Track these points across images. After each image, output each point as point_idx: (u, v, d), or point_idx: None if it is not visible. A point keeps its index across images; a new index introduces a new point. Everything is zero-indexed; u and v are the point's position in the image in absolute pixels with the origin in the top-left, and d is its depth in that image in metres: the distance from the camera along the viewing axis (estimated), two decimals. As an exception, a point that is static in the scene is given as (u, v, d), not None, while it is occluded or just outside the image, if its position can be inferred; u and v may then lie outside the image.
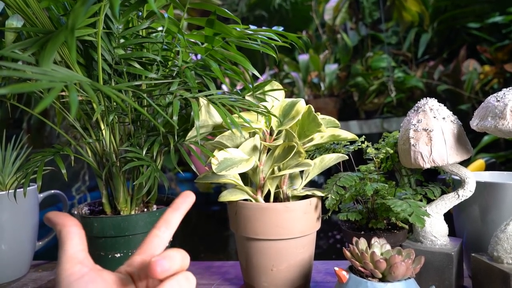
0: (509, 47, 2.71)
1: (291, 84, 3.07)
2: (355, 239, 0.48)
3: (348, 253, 0.47)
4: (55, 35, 0.36)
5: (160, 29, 0.60)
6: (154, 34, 0.61)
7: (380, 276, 0.43)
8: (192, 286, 0.31)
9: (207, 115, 0.58)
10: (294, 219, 0.53)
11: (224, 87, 2.13)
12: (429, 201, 0.57)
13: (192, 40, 0.63)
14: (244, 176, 0.59)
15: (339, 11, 3.10)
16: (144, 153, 0.54)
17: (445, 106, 0.55)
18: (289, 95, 2.91)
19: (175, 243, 0.60)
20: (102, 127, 0.56)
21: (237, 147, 0.56)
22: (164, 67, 0.59)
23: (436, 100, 0.54)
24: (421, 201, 0.57)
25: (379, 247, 0.47)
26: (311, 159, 0.61)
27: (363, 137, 0.61)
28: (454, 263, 0.51)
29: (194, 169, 0.54)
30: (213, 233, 2.38)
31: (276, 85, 0.62)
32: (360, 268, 0.45)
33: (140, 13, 0.59)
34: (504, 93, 0.48)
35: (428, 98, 0.55)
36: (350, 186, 0.55)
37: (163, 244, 0.34)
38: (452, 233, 0.57)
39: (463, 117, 0.54)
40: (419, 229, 0.55)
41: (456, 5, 3.07)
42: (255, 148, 0.57)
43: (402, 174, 0.62)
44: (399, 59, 3.22)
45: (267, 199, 0.58)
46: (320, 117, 0.56)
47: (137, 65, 0.56)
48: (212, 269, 0.70)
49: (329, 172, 0.65)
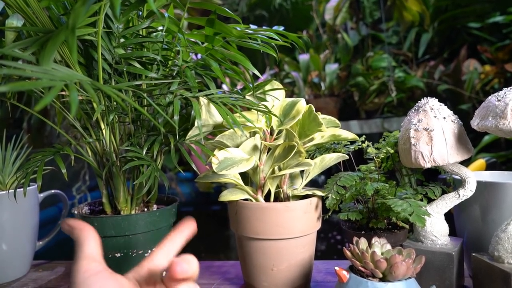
0: (509, 47, 2.71)
1: (291, 84, 3.07)
2: (355, 238, 0.48)
3: (348, 253, 0.47)
4: (55, 35, 0.36)
5: (161, 28, 0.60)
6: (154, 34, 0.61)
7: (380, 275, 0.43)
8: None
9: (208, 114, 0.58)
10: (295, 218, 0.53)
11: (225, 86, 2.13)
12: (430, 200, 0.57)
13: (193, 40, 0.63)
14: (244, 176, 0.59)
15: (339, 10, 3.10)
16: (144, 152, 0.54)
17: (445, 105, 0.55)
18: (289, 94, 2.91)
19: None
20: (102, 126, 0.55)
21: (237, 146, 0.56)
22: (165, 66, 0.59)
23: (437, 100, 0.54)
24: (421, 200, 0.57)
25: (380, 246, 0.47)
26: (312, 158, 0.61)
27: (364, 136, 0.61)
28: (455, 262, 0.51)
29: (195, 169, 0.54)
30: (214, 233, 2.38)
31: (276, 84, 0.62)
32: (360, 268, 0.44)
33: (140, 13, 0.59)
34: (505, 93, 0.48)
35: (428, 97, 0.55)
36: (350, 186, 0.55)
37: (168, 258, 0.38)
38: (452, 233, 0.57)
39: (464, 117, 0.54)
40: (420, 228, 0.55)
41: (456, 4, 3.07)
42: (255, 148, 0.57)
43: (403, 174, 0.62)
44: (399, 59, 3.22)
45: (267, 198, 0.58)
46: (321, 116, 0.56)
47: (137, 65, 0.56)
48: (212, 268, 0.70)
49: (330, 172, 0.65)
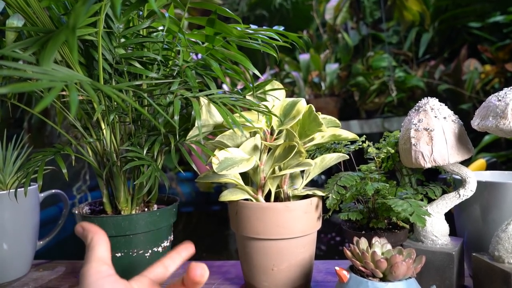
0: (510, 46, 2.71)
1: (291, 84, 3.07)
2: (356, 238, 0.48)
3: (349, 253, 0.47)
4: (55, 35, 0.36)
5: (161, 28, 0.60)
6: (155, 34, 0.61)
7: (381, 275, 0.43)
8: None
9: (208, 114, 0.58)
10: (295, 218, 0.53)
11: (225, 86, 2.13)
12: (430, 200, 0.57)
13: (193, 40, 0.63)
14: (244, 176, 0.59)
15: (340, 10, 3.10)
16: (144, 152, 0.54)
17: (446, 105, 0.55)
18: (289, 94, 2.91)
19: (176, 242, 0.60)
20: (103, 126, 0.56)
21: (237, 146, 0.56)
22: (165, 66, 0.59)
23: (437, 100, 0.54)
24: (422, 200, 0.57)
25: (380, 246, 0.47)
26: (312, 158, 0.61)
27: (364, 136, 0.61)
28: (455, 262, 0.51)
29: (195, 169, 0.54)
30: (214, 233, 2.39)
31: (276, 84, 0.62)
32: (361, 268, 0.45)
33: (141, 13, 0.59)
34: (506, 93, 0.48)
35: (429, 97, 0.55)
36: (351, 186, 0.55)
37: (167, 275, 0.39)
38: (453, 233, 0.57)
39: (464, 117, 0.54)
40: (420, 228, 0.55)
41: (457, 4, 3.07)
42: (255, 148, 0.57)
43: (403, 174, 0.62)
44: (400, 59, 3.22)
45: (267, 198, 0.58)
46: (321, 116, 0.56)
47: (137, 65, 0.56)
48: (213, 268, 0.70)
49: (330, 172, 0.65)
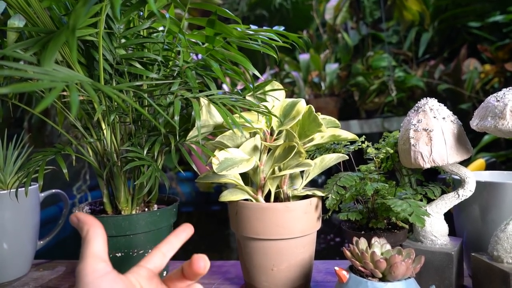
0: (509, 46, 2.71)
1: (291, 84, 3.07)
2: (355, 238, 0.48)
3: (348, 253, 0.47)
4: (56, 35, 0.36)
5: (161, 29, 0.60)
6: (155, 34, 0.61)
7: (380, 275, 0.44)
8: None
9: (208, 115, 0.58)
10: (295, 219, 0.54)
11: (225, 87, 2.13)
12: (429, 200, 0.57)
13: (193, 40, 0.63)
14: (244, 176, 0.59)
15: (339, 10, 3.10)
16: (145, 153, 0.55)
17: (445, 105, 0.55)
18: (289, 94, 2.91)
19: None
20: (103, 126, 0.56)
21: (237, 147, 0.56)
22: (165, 67, 0.59)
23: (436, 100, 0.54)
24: (421, 200, 0.57)
25: (379, 246, 0.47)
26: (312, 159, 0.61)
27: (363, 137, 0.61)
28: (454, 262, 0.52)
29: (195, 169, 0.54)
30: (214, 233, 2.39)
31: (276, 85, 0.62)
32: (360, 268, 0.45)
33: (141, 13, 0.59)
34: (504, 93, 0.48)
35: (428, 98, 0.55)
36: (350, 186, 0.55)
37: (165, 261, 0.38)
38: (452, 233, 0.57)
39: (464, 116, 0.54)
40: (419, 228, 0.55)
41: (456, 4, 3.07)
42: (255, 148, 0.57)
43: (403, 174, 0.62)
44: (399, 58, 3.22)
45: (267, 199, 0.58)
46: (321, 117, 0.56)
47: (138, 65, 0.56)
48: (213, 268, 0.71)
49: (330, 172, 0.65)
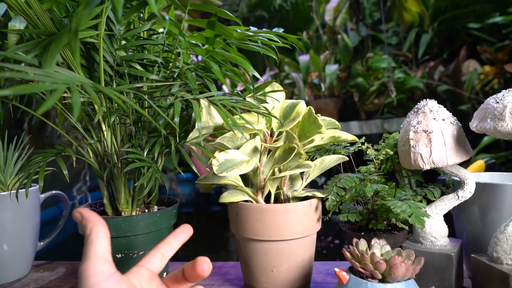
0: (509, 47, 2.71)
1: (291, 85, 3.08)
2: (355, 240, 0.48)
3: (348, 254, 0.47)
4: (57, 37, 0.36)
5: (161, 30, 0.60)
6: (155, 36, 0.61)
7: (380, 277, 0.44)
8: None
9: (208, 116, 0.58)
10: (295, 220, 0.54)
11: (225, 88, 2.13)
12: (429, 202, 0.57)
13: (193, 42, 0.63)
14: (244, 177, 0.59)
15: (339, 11, 3.11)
16: (145, 154, 0.55)
17: (445, 106, 0.55)
18: (289, 95, 2.91)
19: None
20: (104, 128, 0.56)
21: (237, 148, 0.56)
22: (165, 68, 0.59)
23: (436, 102, 0.55)
24: (421, 202, 0.57)
25: (379, 248, 0.47)
26: (312, 160, 0.61)
27: (363, 138, 0.61)
28: (454, 264, 0.52)
29: (195, 170, 0.54)
30: (214, 234, 2.39)
31: (276, 86, 0.63)
32: (360, 269, 0.45)
33: (142, 15, 0.59)
34: (504, 95, 0.48)
35: (427, 99, 0.55)
36: (350, 187, 0.55)
37: (164, 262, 0.38)
38: (452, 234, 0.57)
39: (464, 118, 0.54)
40: (419, 230, 0.55)
41: (456, 5, 3.07)
42: (255, 150, 0.57)
43: (402, 175, 0.62)
44: (399, 60, 3.23)
45: (267, 200, 0.58)
46: (321, 118, 0.56)
47: (138, 67, 0.56)
48: (213, 269, 0.70)
49: (330, 173, 0.65)
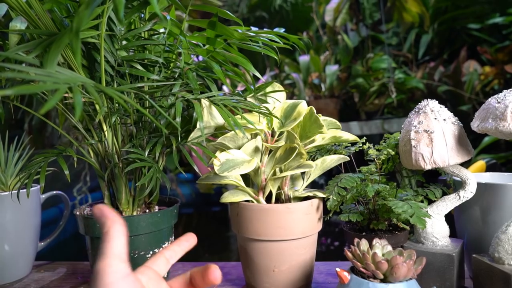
0: (509, 48, 2.71)
1: (291, 85, 3.08)
2: (356, 240, 0.48)
3: (349, 254, 0.47)
4: (59, 37, 0.36)
5: (162, 31, 0.60)
6: (156, 36, 0.61)
7: (381, 277, 0.44)
8: None
9: (209, 116, 0.58)
10: (296, 220, 0.54)
11: (225, 88, 2.13)
12: (430, 202, 0.57)
13: (194, 42, 0.63)
14: (245, 177, 0.59)
15: (339, 12, 3.11)
16: (146, 154, 0.55)
17: (445, 107, 0.55)
18: (289, 96, 2.91)
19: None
20: (105, 128, 0.56)
21: (239, 148, 0.56)
22: (166, 68, 0.59)
23: (437, 102, 0.55)
24: (422, 202, 0.57)
25: (381, 248, 0.47)
26: (313, 160, 0.61)
27: (364, 138, 0.61)
28: (455, 264, 0.52)
29: (197, 170, 0.54)
30: (215, 234, 2.38)
31: (277, 86, 0.63)
32: (361, 269, 0.45)
33: (142, 15, 0.59)
34: (505, 95, 0.48)
35: (429, 99, 0.55)
36: (351, 187, 0.55)
37: (168, 267, 0.38)
38: (453, 234, 0.57)
39: (464, 118, 0.54)
40: (420, 230, 0.55)
41: (456, 6, 3.08)
42: (257, 149, 0.57)
43: (403, 175, 0.62)
44: (399, 60, 3.23)
45: (268, 200, 0.58)
46: (321, 118, 0.56)
47: (139, 67, 0.56)
48: (214, 269, 0.71)
49: (331, 173, 0.65)
